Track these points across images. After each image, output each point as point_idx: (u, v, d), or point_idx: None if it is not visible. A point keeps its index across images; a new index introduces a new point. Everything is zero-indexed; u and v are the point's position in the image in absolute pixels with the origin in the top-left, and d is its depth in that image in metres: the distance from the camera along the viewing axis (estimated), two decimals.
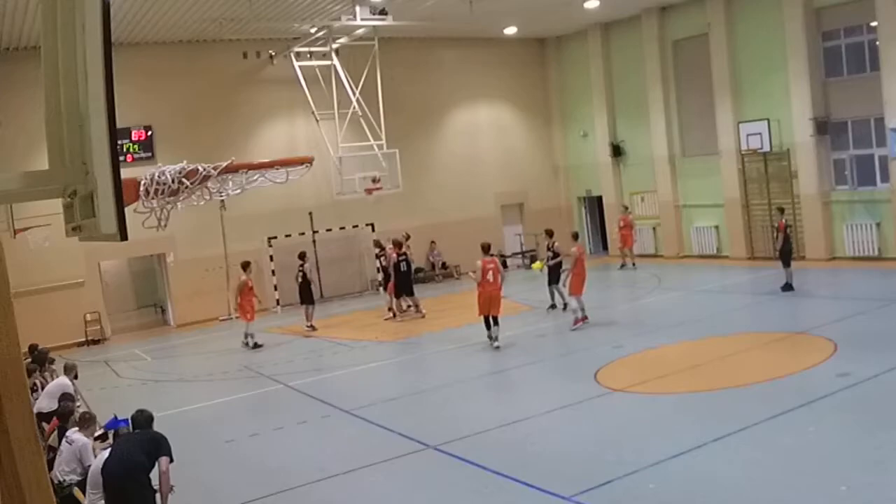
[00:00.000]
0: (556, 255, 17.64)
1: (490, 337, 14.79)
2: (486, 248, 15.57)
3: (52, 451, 8.55)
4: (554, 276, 17.69)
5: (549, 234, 18.24)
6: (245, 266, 18.02)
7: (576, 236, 17.47)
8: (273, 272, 22.48)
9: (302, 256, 19.34)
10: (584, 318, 15.76)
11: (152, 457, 7.02)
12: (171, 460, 7.08)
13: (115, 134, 3.10)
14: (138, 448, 7.04)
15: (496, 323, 14.73)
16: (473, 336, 15.91)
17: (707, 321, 15.33)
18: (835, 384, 10.10)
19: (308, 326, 18.98)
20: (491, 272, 14.76)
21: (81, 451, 7.99)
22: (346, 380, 14.31)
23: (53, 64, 3.47)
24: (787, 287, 17.02)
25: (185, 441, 10.12)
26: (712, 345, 13.09)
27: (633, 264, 23.08)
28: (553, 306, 17.97)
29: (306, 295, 19.01)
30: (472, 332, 16.59)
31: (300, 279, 19.00)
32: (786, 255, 17.22)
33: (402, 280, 19.32)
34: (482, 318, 14.93)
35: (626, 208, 24.43)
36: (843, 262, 19.93)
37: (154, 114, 21.37)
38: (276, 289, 22.59)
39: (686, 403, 10.36)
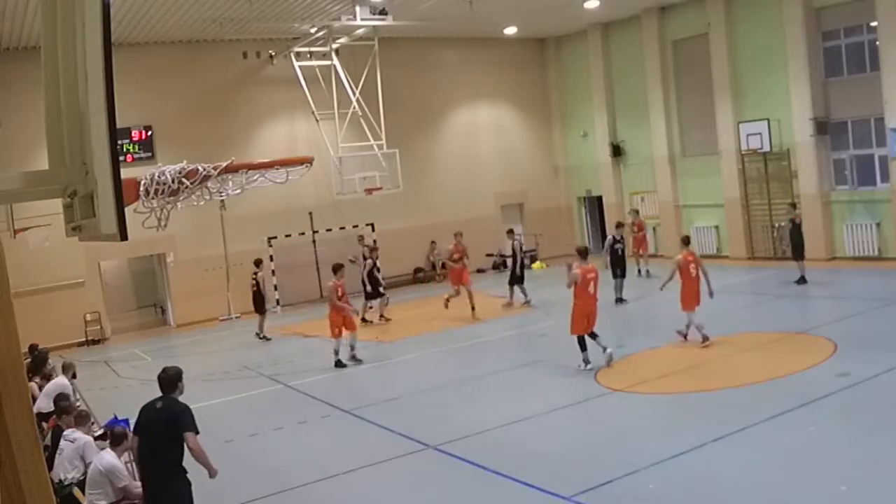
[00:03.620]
0: (513, 252, 18.89)
1: (586, 359, 12.29)
2: (583, 253, 12.62)
3: (46, 449, 8.53)
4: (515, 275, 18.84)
5: (510, 233, 19.74)
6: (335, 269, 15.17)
7: (686, 241, 14.55)
8: (273, 272, 22.45)
9: (257, 264, 18.92)
10: (704, 337, 12.91)
11: (179, 441, 6.94)
12: (197, 432, 6.98)
13: (115, 134, 3.10)
14: (163, 440, 6.93)
15: (596, 335, 12.45)
16: (473, 336, 15.90)
17: (707, 321, 15.26)
18: (835, 384, 10.10)
19: (262, 337, 18.40)
20: (592, 283, 12.20)
21: (85, 449, 8.01)
22: (347, 380, 14.31)
23: (53, 64, 3.47)
24: (802, 280, 17.43)
25: None
26: (712, 345, 13.08)
27: (647, 271, 21.68)
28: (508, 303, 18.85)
29: (259, 304, 18.55)
30: (472, 331, 16.59)
31: (254, 287, 18.56)
32: (799, 248, 17.47)
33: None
34: (576, 336, 12.41)
35: (637, 212, 23.14)
36: (843, 262, 19.92)
37: (154, 114, 21.37)
38: (276, 288, 22.57)
39: (686, 403, 10.36)
